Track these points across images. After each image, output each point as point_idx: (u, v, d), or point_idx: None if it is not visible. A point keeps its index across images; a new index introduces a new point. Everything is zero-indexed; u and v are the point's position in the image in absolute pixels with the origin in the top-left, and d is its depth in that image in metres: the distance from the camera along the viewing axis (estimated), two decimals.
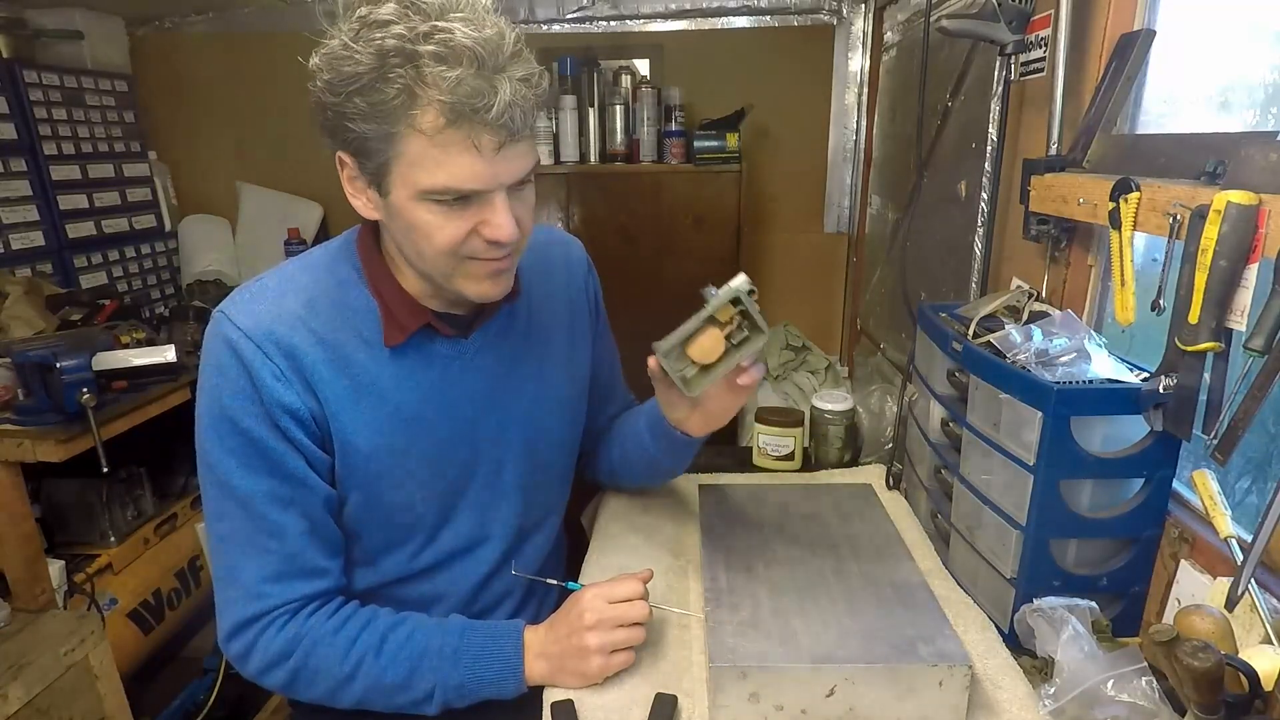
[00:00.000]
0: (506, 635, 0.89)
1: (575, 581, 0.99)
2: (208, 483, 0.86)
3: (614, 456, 1.17)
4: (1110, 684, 0.74)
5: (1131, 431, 0.89)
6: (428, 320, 0.89)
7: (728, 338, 0.88)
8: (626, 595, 0.87)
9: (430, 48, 0.68)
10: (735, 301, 0.86)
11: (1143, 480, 0.90)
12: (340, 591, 0.92)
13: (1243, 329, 0.72)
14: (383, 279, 0.88)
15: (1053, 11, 1.10)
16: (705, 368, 0.89)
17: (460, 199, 0.76)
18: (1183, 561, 0.88)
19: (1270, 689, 0.67)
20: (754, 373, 0.90)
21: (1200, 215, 0.73)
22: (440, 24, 0.69)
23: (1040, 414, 0.85)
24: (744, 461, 1.44)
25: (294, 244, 2.48)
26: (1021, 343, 0.92)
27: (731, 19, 2.54)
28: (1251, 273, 0.71)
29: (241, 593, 0.86)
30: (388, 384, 0.88)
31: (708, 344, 0.87)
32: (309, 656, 0.86)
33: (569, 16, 2.52)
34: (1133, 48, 1.00)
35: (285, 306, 0.85)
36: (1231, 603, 0.74)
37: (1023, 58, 1.21)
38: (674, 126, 2.36)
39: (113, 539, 1.77)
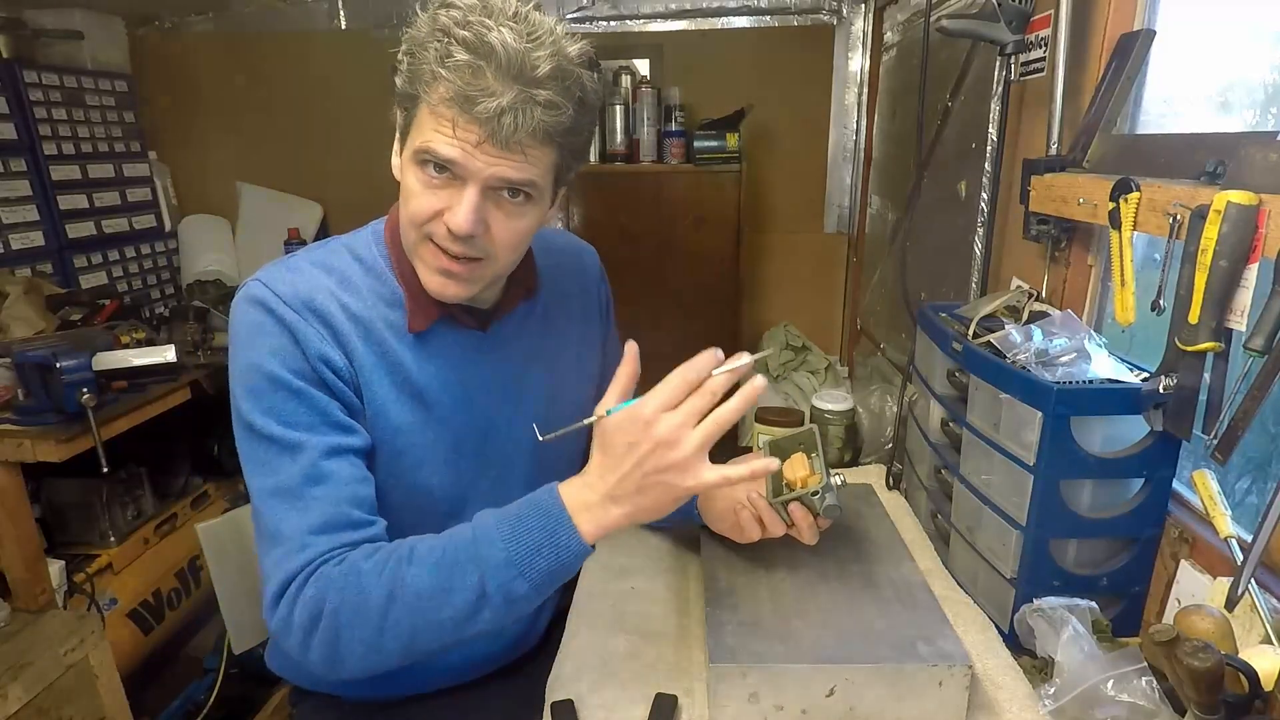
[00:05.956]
0: (541, 493, 0.80)
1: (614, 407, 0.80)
2: (250, 444, 0.84)
3: None
4: (1110, 684, 0.74)
5: (1131, 431, 0.89)
6: (449, 309, 0.90)
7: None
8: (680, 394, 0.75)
9: (464, 34, 0.73)
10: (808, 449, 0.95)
11: (1143, 480, 0.90)
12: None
13: (1243, 329, 0.72)
14: (408, 266, 0.89)
15: (1053, 11, 1.10)
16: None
17: (440, 173, 0.78)
18: (1183, 561, 0.88)
19: (1270, 689, 0.67)
20: (819, 525, 0.90)
21: (1200, 215, 0.73)
22: (488, 22, 0.73)
23: (1040, 414, 0.85)
24: None
25: (294, 244, 2.48)
26: (1021, 343, 0.92)
27: (731, 19, 2.55)
28: (1251, 273, 0.71)
29: (286, 548, 0.81)
30: (411, 367, 0.90)
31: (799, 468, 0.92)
32: (344, 591, 0.78)
33: (569, 16, 2.52)
34: (1133, 48, 1.00)
35: (319, 281, 0.87)
36: (1231, 603, 0.74)
37: (1023, 58, 1.21)
38: (674, 126, 2.37)
39: (113, 539, 1.78)
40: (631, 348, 0.80)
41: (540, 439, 0.80)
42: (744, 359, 0.76)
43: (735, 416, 0.75)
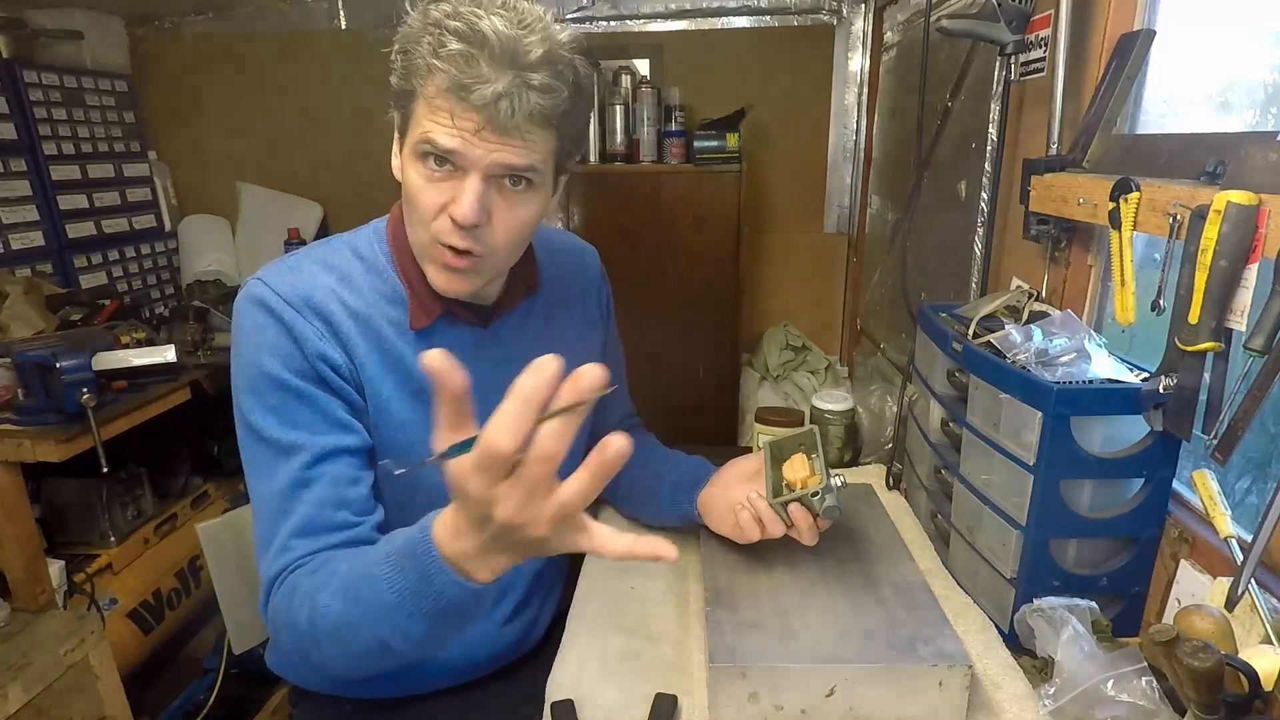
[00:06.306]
0: (415, 533, 0.67)
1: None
2: (249, 443, 0.85)
3: (620, 485, 1.16)
4: (1110, 684, 0.74)
5: (1131, 431, 0.89)
6: (451, 306, 0.91)
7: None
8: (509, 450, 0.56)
9: (456, 24, 0.74)
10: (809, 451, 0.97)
11: (1143, 480, 0.90)
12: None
13: (1243, 329, 0.72)
14: (410, 263, 0.90)
15: (1053, 11, 1.09)
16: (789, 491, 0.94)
17: (441, 166, 0.79)
18: (1183, 561, 0.88)
19: (1270, 689, 0.67)
20: (818, 525, 0.91)
21: (1200, 215, 0.73)
22: (479, 11, 0.74)
23: (1040, 414, 0.85)
24: None
25: (294, 244, 2.48)
26: (1021, 343, 0.92)
27: (731, 19, 2.54)
28: (1251, 273, 0.71)
29: (273, 549, 0.83)
30: (414, 363, 0.90)
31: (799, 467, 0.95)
32: (291, 610, 0.78)
33: (569, 16, 2.52)
34: (1133, 48, 1.00)
35: (320, 280, 0.88)
36: (1231, 603, 0.74)
37: (1023, 58, 1.21)
38: (674, 126, 2.36)
39: (113, 539, 1.78)
40: (433, 356, 0.57)
41: (394, 474, 0.74)
42: (587, 379, 0.55)
43: (584, 499, 0.59)
